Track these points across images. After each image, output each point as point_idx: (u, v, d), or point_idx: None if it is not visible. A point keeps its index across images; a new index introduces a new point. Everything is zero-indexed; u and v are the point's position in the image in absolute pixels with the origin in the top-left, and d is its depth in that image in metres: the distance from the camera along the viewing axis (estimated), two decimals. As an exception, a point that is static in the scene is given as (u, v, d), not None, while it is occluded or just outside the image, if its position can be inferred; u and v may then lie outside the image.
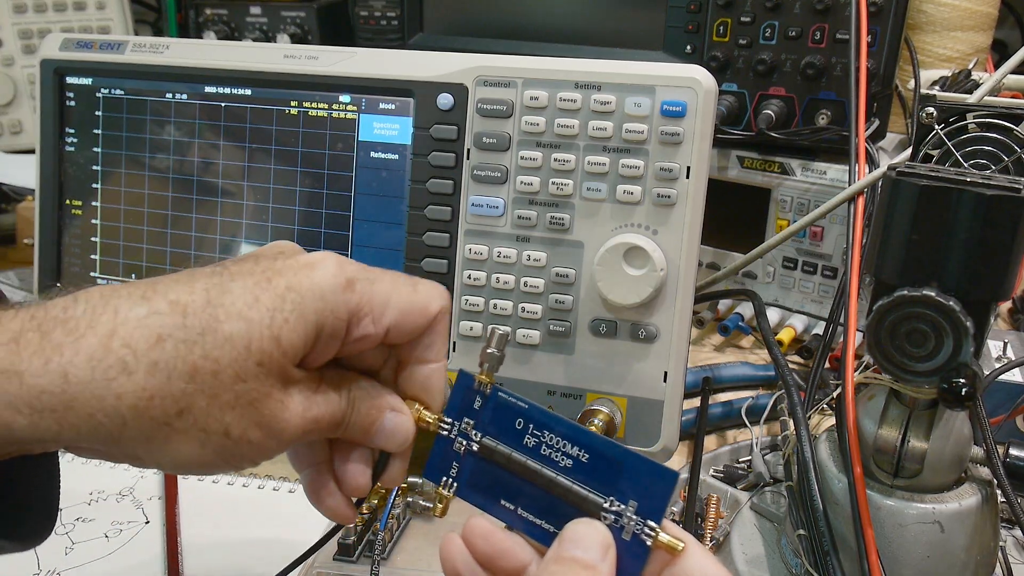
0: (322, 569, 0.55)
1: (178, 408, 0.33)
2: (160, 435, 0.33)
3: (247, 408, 0.34)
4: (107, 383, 0.31)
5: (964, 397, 0.41)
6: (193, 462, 0.34)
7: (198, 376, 0.33)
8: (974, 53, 0.89)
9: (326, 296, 0.35)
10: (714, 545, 0.56)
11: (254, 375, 0.33)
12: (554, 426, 0.36)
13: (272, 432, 0.35)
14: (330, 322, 0.35)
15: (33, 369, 0.31)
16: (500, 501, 0.37)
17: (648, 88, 0.54)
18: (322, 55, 0.61)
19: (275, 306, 0.34)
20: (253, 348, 0.33)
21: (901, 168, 0.43)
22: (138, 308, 0.33)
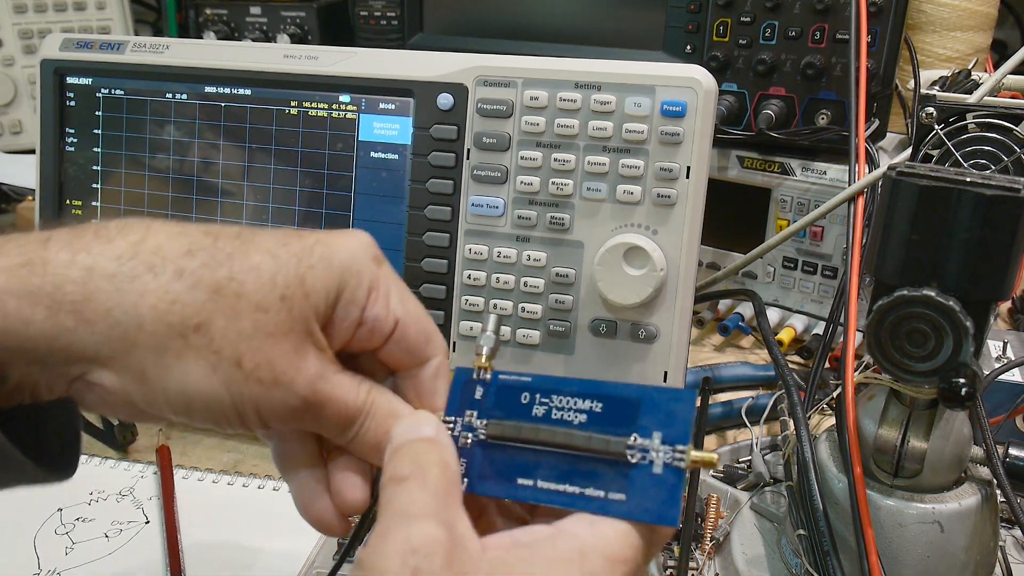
0: (322, 569, 0.55)
1: (197, 321, 0.32)
2: (174, 348, 0.32)
3: (264, 342, 0.33)
4: (131, 279, 0.32)
5: (964, 397, 0.41)
6: (199, 391, 0.33)
7: (221, 293, 0.33)
8: (974, 53, 0.89)
9: (355, 258, 0.35)
10: (714, 545, 0.56)
11: (276, 308, 0.33)
12: (562, 388, 0.35)
13: (281, 380, 0.33)
14: (352, 285, 0.35)
15: (59, 260, 0.31)
16: (516, 481, 0.35)
17: (648, 88, 0.54)
18: (322, 55, 0.61)
19: (303, 253, 0.35)
20: (279, 281, 0.33)
21: (901, 168, 0.43)
22: (171, 227, 0.34)
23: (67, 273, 0.31)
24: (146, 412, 0.35)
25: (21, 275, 0.31)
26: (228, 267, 0.33)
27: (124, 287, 0.32)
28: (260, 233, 0.35)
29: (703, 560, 0.55)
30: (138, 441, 0.69)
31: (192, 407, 0.34)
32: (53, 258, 0.31)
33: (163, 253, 0.32)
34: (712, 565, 0.55)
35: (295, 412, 0.34)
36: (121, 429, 0.68)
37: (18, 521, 0.59)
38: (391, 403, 0.37)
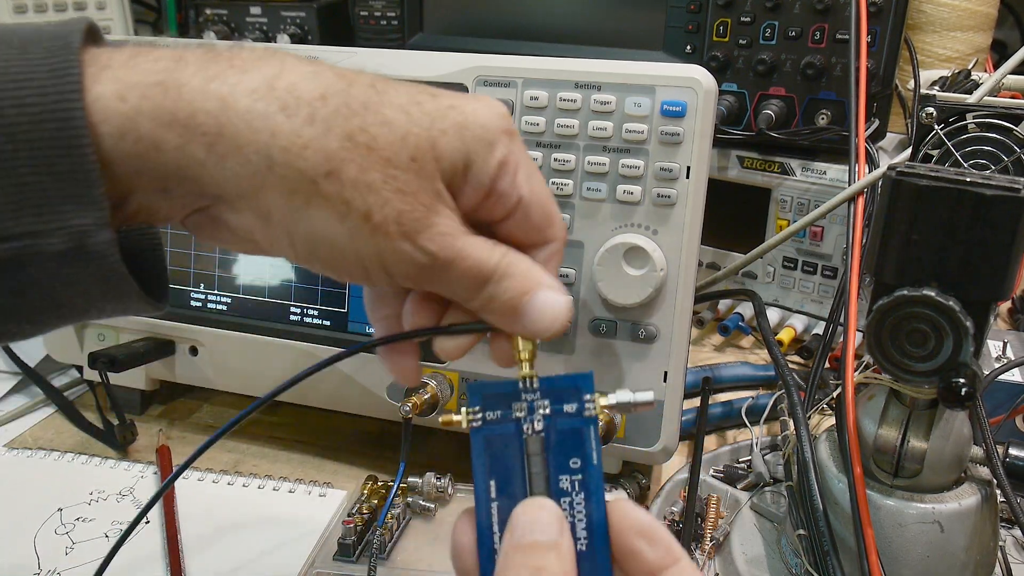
0: (322, 569, 0.55)
1: (328, 168, 0.31)
2: (303, 192, 0.31)
3: (393, 196, 0.32)
4: (265, 118, 0.31)
5: (964, 397, 0.41)
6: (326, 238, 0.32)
7: (355, 143, 0.32)
8: (974, 53, 0.89)
9: (488, 128, 0.34)
10: (714, 545, 0.56)
11: (405, 167, 0.32)
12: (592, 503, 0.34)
13: (410, 234, 0.33)
14: (483, 155, 0.34)
15: (193, 85, 0.30)
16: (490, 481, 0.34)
17: (648, 88, 0.54)
18: (322, 55, 0.61)
19: (436, 115, 0.34)
20: (410, 141, 0.33)
21: (901, 168, 0.43)
22: (305, 65, 0.32)
23: (201, 103, 0.30)
24: (265, 250, 0.35)
25: (155, 96, 0.30)
26: (361, 118, 0.32)
27: (257, 125, 0.31)
28: (393, 85, 0.34)
29: (703, 560, 0.55)
30: (138, 441, 0.69)
31: (316, 253, 0.33)
32: (187, 82, 0.30)
33: (297, 93, 0.31)
34: (712, 565, 0.55)
35: (423, 269, 0.34)
36: (121, 429, 0.68)
37: (18, 521, 0.59)
38: (531, 268, 0.36)
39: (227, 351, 0.67)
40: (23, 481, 0.64)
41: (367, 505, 0.58)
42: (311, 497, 0.62)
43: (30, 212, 0.29)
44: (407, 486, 0.61)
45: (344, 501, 0.61)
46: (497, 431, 0.35)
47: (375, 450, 0.67)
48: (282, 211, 0.32)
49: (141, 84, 0.30)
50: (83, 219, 0.29)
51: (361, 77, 0.34)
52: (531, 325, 0.36)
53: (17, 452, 0.67)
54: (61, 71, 0.29)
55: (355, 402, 0.65)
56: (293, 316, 0.64)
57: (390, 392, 0.62)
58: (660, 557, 0.32)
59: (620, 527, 0.33)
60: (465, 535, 0.33)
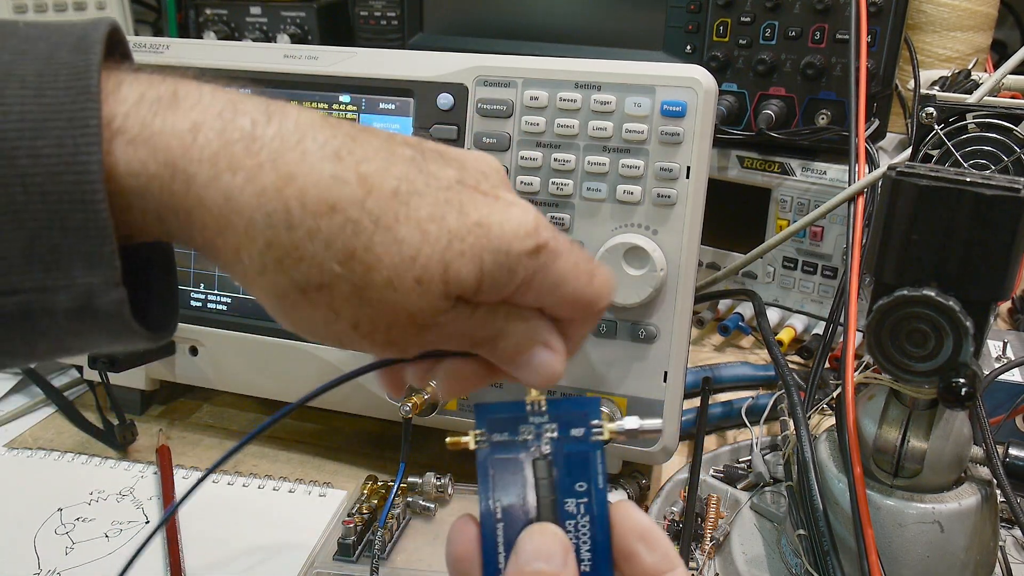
0: (322, 569, 0.55)
1: (320, 282, 0.30)
2: (291, 296, 0.31)
3: (387, 316, 0.31)
4: (265, 229, 0.30)
5: (964, 397, 0.41)
6: (311, 331, 0.32)
7: (352, 263, 0.30)
8: (974, 53, 0.89)
9: (511, 251, 0.32)
10: (714, 545, 0.56)
11: (406, 289, 0.31)
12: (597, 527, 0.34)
13: (395, 345, 0.33)
14: (502, 278, 0.33)
15: (202, 175, 0.29)
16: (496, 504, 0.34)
17: (648, 88, 0.54)
18: (322, 55, 0.61)
19: (457, 234, 0.31)
20: (419, 262, 0.31)
21: (901, 168, 0.43)
22: (327, 165, 0.30)
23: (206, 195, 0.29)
24: None
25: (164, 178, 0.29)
26: (368, 236, 0.30)
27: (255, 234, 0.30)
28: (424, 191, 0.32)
29: (703, 560, 0.55)
30: (138, 441, 0.69)
31: (305, 334, 0.33)
32: (196, 172, 0.29)
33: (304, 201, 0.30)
34: (712, 565, 0.55)
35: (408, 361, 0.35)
36: (121, 429, 0.68)
37: (18, 521, 0.59)
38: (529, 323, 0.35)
39: (227, 351, 0.67)
40: (23, 481, 0.64)
41: (367, 505, 0.58)
42: (311, 497, 0.62)
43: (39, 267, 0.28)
44: (407, 486, 0.61)
45: (344, 501, 0.61)
46: (504, 453, 0.35)
47: (375, 450, 0.67)
48: (274, 305, 0.32)
49: (152, 162, 0.29)
50: (91, 278, 0.28)
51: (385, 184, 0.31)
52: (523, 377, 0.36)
53: (17, 452, 0.67)
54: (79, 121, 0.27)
55: (355, 402, 0.64)
56: (293, 316, 0.64)
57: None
58: (657, 562, 0.32)
59: (621, 529, 0.33)
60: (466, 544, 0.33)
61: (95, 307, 0.29)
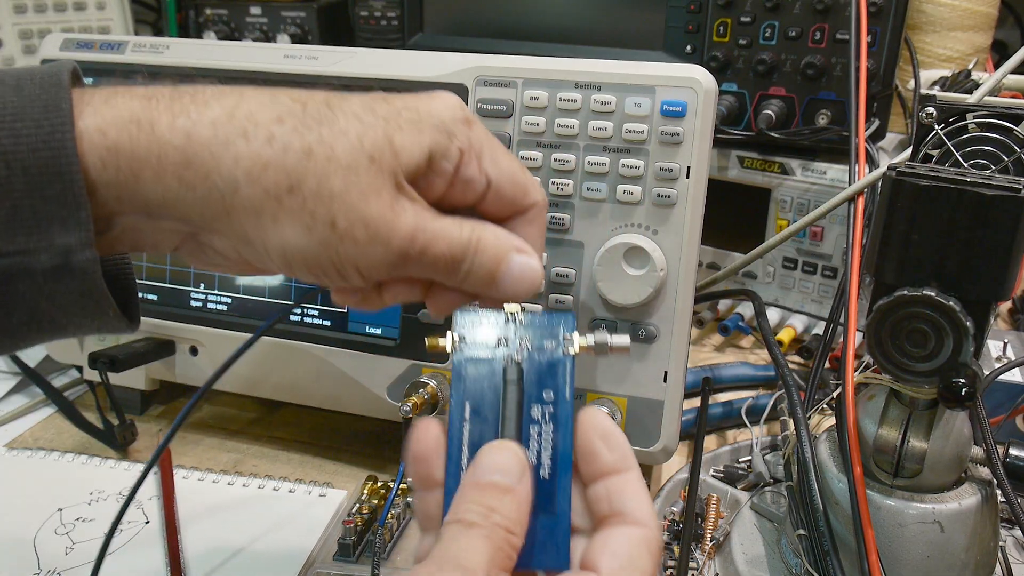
0: (322, 569, 0.55)
1: (289, 183, 0.34)
2: (269, 210, 0.34)
3: (356, 201, 0.34)
4: (226, 145, 0.33)
5: (964, 397, 0.41)
6: (297, 250, 0.35)
7: (312, 156, 0.34)
8: (974, 53, 0.89)
9: (444, 120, 0.36)
10: (714, 545, 0.56)
11: (365, 168, 0.34)
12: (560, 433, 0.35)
13: (378, 234, 0.35)
14: (443, 145, 0.36)
15: (163, 121, 0.33)
16: (466, 403, 0.36)
17: (648, 88, 0.54)
18: (322, 55, 0.61)
19: (390, 116, 0.36)
20: (366, 143, 0.35)
21: (901, 168, 0.43)
22: (263, 94, 0.35)
23: (169, 138, 0.33)
24: (258, 269, 0.37)
25: (131, 132, 0.33)
26: (317, 132, 0.34)
27: (219, 152, 0.33)
28: (348, 98, 0.36)
29: (703, 560, 0.55)
30: (138, 441, 0.69)
31: (293, 265, 0.35)
32: (157, 119, 0.33)
33: (255, 119, 0.34)
34: (712, 565, 0.55)
35: (396, 264, 0.36)
36: (121, 429, 0.68)
37: (18, 521, 0.59)
38: (499, 237, 0.38)
39: (227, 351, 0.66)
40: (23, 481, 0.64)
41: (367, 505, 0.58)
42: (311, 497, 0.62)
43: (22, 232, 0.31)
44: (407, 486, 0.61)
45: (344, 501, 0.61)
46: (479, 356, 0.36)
47: (375, 450, 0.68)
48: (254, 230, 0.34)
49: (118, 120, 0.33)
50: (69, 238, 0.32)
51: (315, 96, 0.36)
52: (509, 291, 0.38)
53: (17, 452, 0.67)
54: (54, 106, 0.32)
55: (355, 402, 0.64)
56: (293, 316, 0.64)
57: (390, 392, 0.62)
58: (614, 461, 0.35)
59: (585, 427, 0.35)
60: (429, 442, 0.35)
61: (71, 265, 0.32)
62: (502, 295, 0.38)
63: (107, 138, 0.32)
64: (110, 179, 0.33)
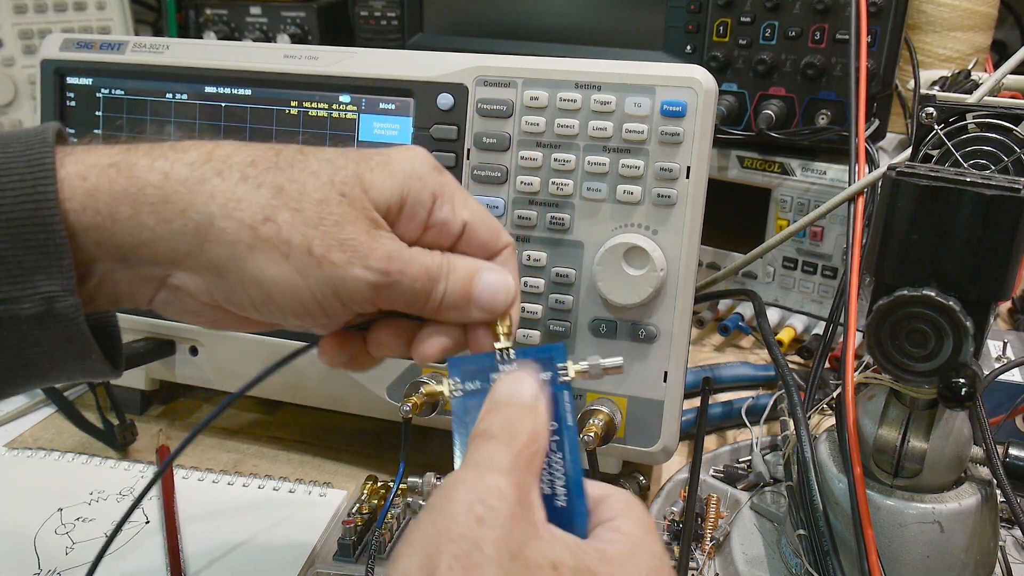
0: (322, 569, 0.55)
1: (264, 215, 0.35)
2: (244, 240, 0.35)
3: (331, 228, 0.35)
4: (201, 182, 0.35)
5: (964, 397, 0.41)
6: (274, 280, 0.35)
7: (284, 193, 0.36)
8: (974, 53, 0.89)
9: (414, 165, 0.38)
10: (714, 545, 0.56)
11: (336, 202, 0.36)
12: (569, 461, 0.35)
13: (357, 255, 0.36)
14: (416, 188, 0.38)
15: (141, 165, 0.35)
16: None
17: (648, 88, 0.54)
18: (322, 55, 0.61)
19: (361, 160, 0.38)
20: (336, 181, 0.36)
21: (901, 168, 0.43)
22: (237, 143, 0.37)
23: (147, 177, 0.35)
24: (230, 313, 0.38)
25: (111, 175, 0.34)
26: (289, 173, 0.36)
27: (195, 189, 0.35)
28: (318, 149, 0.38)
29: (703, 560, 0.55)
30: (138, 441, 0.69)
31: (271, 298, 0.36)
32: (136, 162, 0.35)
33: (230, 161, 0.36)
34: (712, 565, 0.55)
35: (376, 288, 0.36)
36: (121, 429, 0.68)
37: (18, 521, 0.59)
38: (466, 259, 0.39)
39: (227, 351, 0.67)
40: (23, 481, 0.64)
41: (367, 505, 0.58)
42: (311, 497, 0.62)
43: (7, 280, 0.33)
44: (407, 486, 0.61)
45: (344, 501, 0.61)
46: (477, 401, 0.36)
47: (375, 450, 0.68)
48: (230, 262, 0.35)
49: (98, 165, 0.35)
50: (52, 286, 0.33)
51: (289, 147, 0.38)
52: (485, 305, 0.39)
53: (17, 452, 0.67)
54: (37, 162, 0.33)
55: (355, 402, 0.65)
56: (293, 316, 0.64)
57: (390, 392, 0.62)
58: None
59: None
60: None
61: (55, 312, 0.33)
62: (478, 314, 0.39)
63: (87, 182, 0.34)
64: (89, 222, 0.34)
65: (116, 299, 0.37)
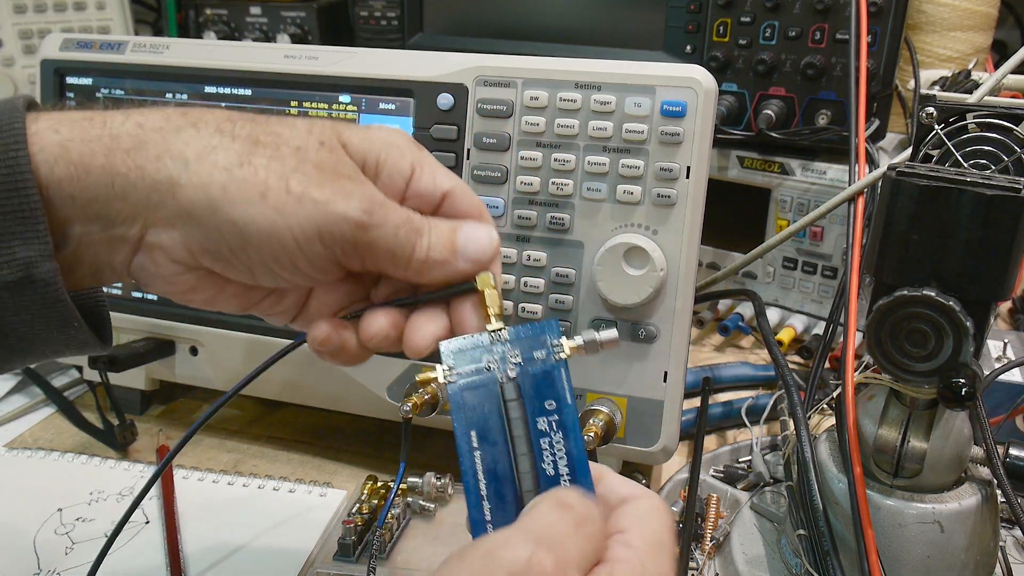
0: (322, 569, 0.55)
1: (239, 159, 0.35)
2: (218, 182, 0.35)
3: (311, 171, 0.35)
4: (177, 132, 0.35)
5: (964, 397, 0.41)
6: (253, 220, 0.35)
7: (261, 143, 0.36)
8: (974, 53, 0.89)
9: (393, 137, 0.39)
10: (714, 545, 0.56)
11: (315, 149, 0.36)
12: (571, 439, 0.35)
13: (339, 192, 0.35)
14: (394, 156, 0.38)
15: (115, 118, 0.35)
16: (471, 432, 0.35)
17: (648, 88, 0.54)
18: (322, 55, 0.61)
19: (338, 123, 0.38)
20: (314, 131, 0.37)
21: (901, 168, 0.43)
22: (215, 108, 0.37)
23: (122, 127, 0.35)
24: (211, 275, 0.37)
25: (84, 126, 0.35)
26: (264, 127, 0.36)
27: (170, 138, 0.35)
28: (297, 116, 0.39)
29: (703, 560, 0.55)
30: (138, 441, 0.69)
31: (248, 241, 0.35)
32: (111, 118, 0.35)
33: (205, 117, 0.36)
34: (712, 565, 0.55)
35: (359, 228, 0.36)
36: (121, 429, 0.68)
37: (18, 521, 0.59)
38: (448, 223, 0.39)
39: (227, 351, 0.67)
40: (23, 481, 0.64)
41: (367, 505, 0.58)
42: (311, 497, 0.62)
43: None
44: (407, 486, 0.61)
45: (344, 501, 0.61)
46: (473, 383, 0.36)
47: (375, 450, 0.68)
48: (204, 205, 0.35)
49: (71, 118, 0.35)
50: (29, 251, 0.33)
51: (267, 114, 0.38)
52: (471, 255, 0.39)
53: (17, 452, 0.67)
54: (7, 127, 0.33)
55: (355, 402, 0.65)
56: (293, 316, 0.64)
57: (390, 392, 0.62)
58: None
59: None
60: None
61: (33, 277, 0.33)
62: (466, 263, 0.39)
63: (59, 134, 0.34)
64: (62, 173, 0.33)
65: (96, 268, 0.36)
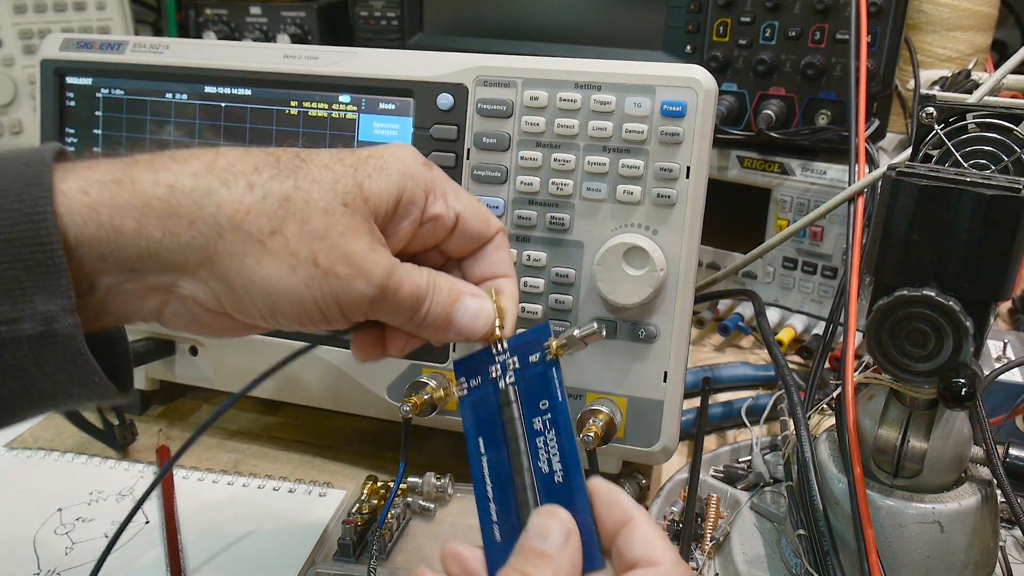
0: (322, 569, 0.55)
1: (271, 227, 0.36)
2: (253, 253, 0.35)
3: (336, 240, 0.37)
4: (208, 193, 0.35)
5: (964, 397, 0.41)
6: (282, 292, 0.36)
7: (290, 202, 0.36)
8: (974, 53, 0.89)
9: (407, 164, 0.40)
10: (714, 545, 0.56)
11: (340, 212, 0.37)
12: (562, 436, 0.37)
13: (360, 270, 0.37)
14: (410, 188, 0.39)
15: (143, 179, 0.35)
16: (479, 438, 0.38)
17: (648, 88, 0.54)
18: (322, 55, 0.61)
19: (358, 165, 0.39)
20: (339, 189, 0.37)
21: (901, 168, 0.43)
22: (237, 150, 0.38)
23: (152, 191, 0.35)
24: (237, 321, 0.38)
25: (113, 190, 0.34)
26: (292, 180, 0.37)
27: (202, 200, 0.35)
28: (314, 152, 0.39)
29: (703, 560, 0.55)
30: (138, 441, 0.69)
31: (278, 308, 0.37)
32: (139, 176, 0.35)
33: (234, 169, 0.36)
34: (712, 565, 0.55)
35: (373, 301, 0.38)
36: (121, 429, 0.68)
37: (18, 521, 0.59)
38: (451, 281, 0.41)
39: (227, 351, 0.67)
40: (23, 481, 0.64)
41: (367, 505, 0.58)
42: (311, 497, 0.62)
43: (7, 301, 0.33)
44: (407, 486, 0.61)
45: (344, 501, 0.61)
46: (478, 394, 0.39)
47: (375, 450, 0.68)
48: (238, 274, 0.36)
49: (100, 181, 0.34)
50: (51, 305, 0.33)
51: (286, 151, 0.39)
52: (461, 331, 0.40)
53: (17, 452, 0.67)
54: (35, 181, 0.33)
55: (355, 402, 0.64)
56: (293, 316, 0.64)
57: (390, 392, 0.62)
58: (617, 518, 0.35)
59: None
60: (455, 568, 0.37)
61: (55, 331, 0.33)
62: (455, 336, 0.41)
63: (89, 196, 0.34)
64: (92, 235, 0.34)
65: (125, 314, 0.37)
